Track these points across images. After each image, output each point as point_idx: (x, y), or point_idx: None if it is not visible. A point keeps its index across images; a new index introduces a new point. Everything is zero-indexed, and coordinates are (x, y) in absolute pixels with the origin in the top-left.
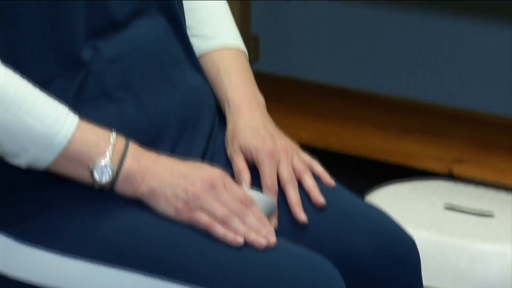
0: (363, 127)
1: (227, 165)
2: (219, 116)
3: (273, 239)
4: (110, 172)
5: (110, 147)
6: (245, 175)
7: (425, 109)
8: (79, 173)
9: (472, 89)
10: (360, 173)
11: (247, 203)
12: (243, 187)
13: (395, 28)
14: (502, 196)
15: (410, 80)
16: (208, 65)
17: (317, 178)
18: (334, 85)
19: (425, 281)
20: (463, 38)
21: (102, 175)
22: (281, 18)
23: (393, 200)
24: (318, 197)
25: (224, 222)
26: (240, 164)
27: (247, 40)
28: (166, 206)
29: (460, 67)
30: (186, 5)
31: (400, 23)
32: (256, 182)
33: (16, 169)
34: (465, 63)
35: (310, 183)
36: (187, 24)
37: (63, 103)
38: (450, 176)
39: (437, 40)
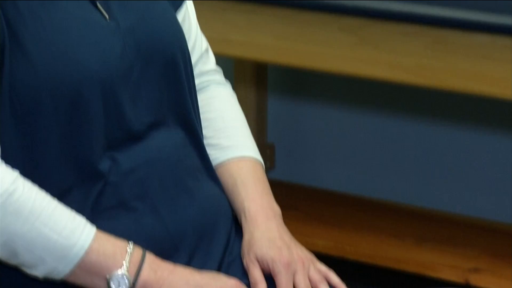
0: (378, 236)
1: (244, 276)
2: (236, 226)
3: None
4: (127, 283)
5: (127, 258)
6: (262, 286)
7: (441, 218)
8: (96, 284)
9: (488, 199)
10: (377, 282)
11: None
12: None
13: (411, 137)
14: None
15: (425, 189)
16: (225, 176)
17: None
18: (349, 194)
19: None
20: (479, 148)
21: (119, 286)
22: (296, 127)
23: None
24: None
25: None
26: (257, 275)
27: (263, 148)
28: None
29: (476, 177)
30: (202, 115)
31: (415, 133)
32: None
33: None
34: (480, 172)
35: None
36: (203, 134)
37: (80, 214)
38: (466, 286)
39: (453, 150)
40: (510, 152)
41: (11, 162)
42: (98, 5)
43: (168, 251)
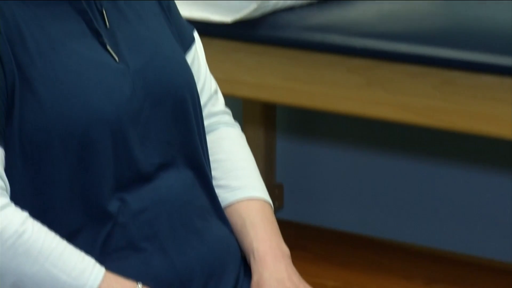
0: (388, 277)
1: None
2: (244, 266)
3: None
4: None
5: None
6: None
7: (450, 259)
8: None
9: (498, 240)
10: None
11: None
12: None
13: (419, 178)
14: None
15: (435, 229)
16: (233, 217)
17: None
18: (358, 234)
19: None
20: (491, 188)
21: None
22: (304, 167)
23: None
24: None
25: None
26: None
27: (271, 188)
28: None
29: (487, 218)
30: (211, 156)
31: (424, 173)
32: None
33: None
34: (492, 213)
35: None
36: (212, 175)
37: (89, 255)
38: None
39: (463, 190)
40: None
41: (21, 203)
42: (108, 47)
43: None
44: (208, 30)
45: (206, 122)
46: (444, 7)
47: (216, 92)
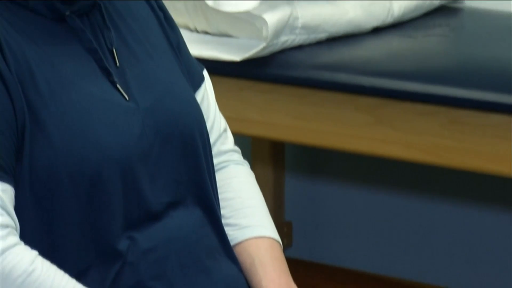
0: None
1: None
2: None
3: None
4: None
5: None
6: None
7: None
8: None
9: (504, 278)
10: None
11: None
12: None
13: (429, 216)
14: None
15: (445, 268)
16: (243, 255)
17: None
18: (367, 272)
19: None
20: (500, 229)
21: None
22: (313, 205)
23: None
24: None
25: None
26: None
27: (280, 226)
28: None
29: (497, 257)
30: (221, 195)
31: (434, 212)
32: None
33: None
34: (501, 254)
35: None
36: (222, 214)
37: None
38: None
39: (472, 230)
40: None
41: (30, 241)
42: (118, 86)
43: None
44: (217, 68)
45: (215, 161)
46: (452, 46)
47: (225, 130)
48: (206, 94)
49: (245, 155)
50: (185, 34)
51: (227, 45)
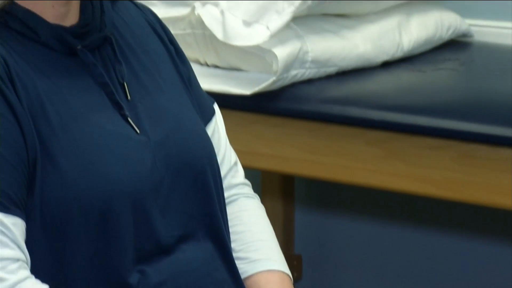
0: None
1: None
2: None
3: None
4: None
5: None
6: None
7: None
8: None
9: None
10: None
11: None
12: None
13: (439, 251)
14: None
15: None
16: None
17: None
18: None
19: None
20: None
21: None
22: (323, 238)
23: None
24: None
25: None
26: None
27: (290, 259)
28: None
29: None
30: (231, 228)
31: (444, 247)
32: None
33: None
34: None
35: None
36: (232, 247)
37: None
38: None
39: (483, 265)
40: None
41: (41, 275)
42: (129, 119)
43: None
44: (228, 102)
45: (226, 194)
46: (462, 80)
47: (236, 164)
48: (217, 127)
49: (255, 188)
50: (196, 68)
51: (237, 79)
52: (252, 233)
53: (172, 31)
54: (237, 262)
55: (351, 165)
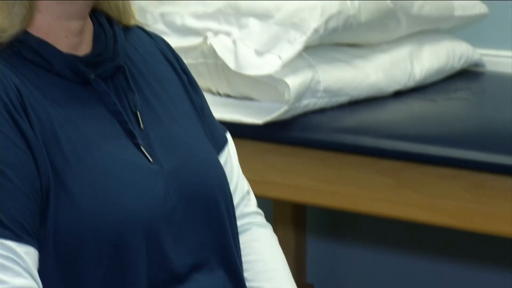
0: None
1: None
2: None
3: None
4: None
5: None
6: None
7: None
8: None
9: None
10: None
11: None
12: None
13: (453, 281)
14: None
15: None
16: None
17: None
18: None
19: None
20: None
21: None
22: (335, 268)
23: None
24: None
25: None
26: None
27: None
28: None
29: None
30: (243, 257)
31: (459, 277)
32: None
33: None
34: None
35: None
36: (244, 276)
37: None
38: None
39: None
40: None
41: None
42: (142, 148)
43: None
44: (240, 131)
45: (238, 223)
46: (474, 110)
47: (248, 192)
48: (230, 156)
49: (267, 217)
50: (208, 97)
51: (249, 108)
52: (265, 262)
53: (185, 61)
54: None
55: (363, 195)
